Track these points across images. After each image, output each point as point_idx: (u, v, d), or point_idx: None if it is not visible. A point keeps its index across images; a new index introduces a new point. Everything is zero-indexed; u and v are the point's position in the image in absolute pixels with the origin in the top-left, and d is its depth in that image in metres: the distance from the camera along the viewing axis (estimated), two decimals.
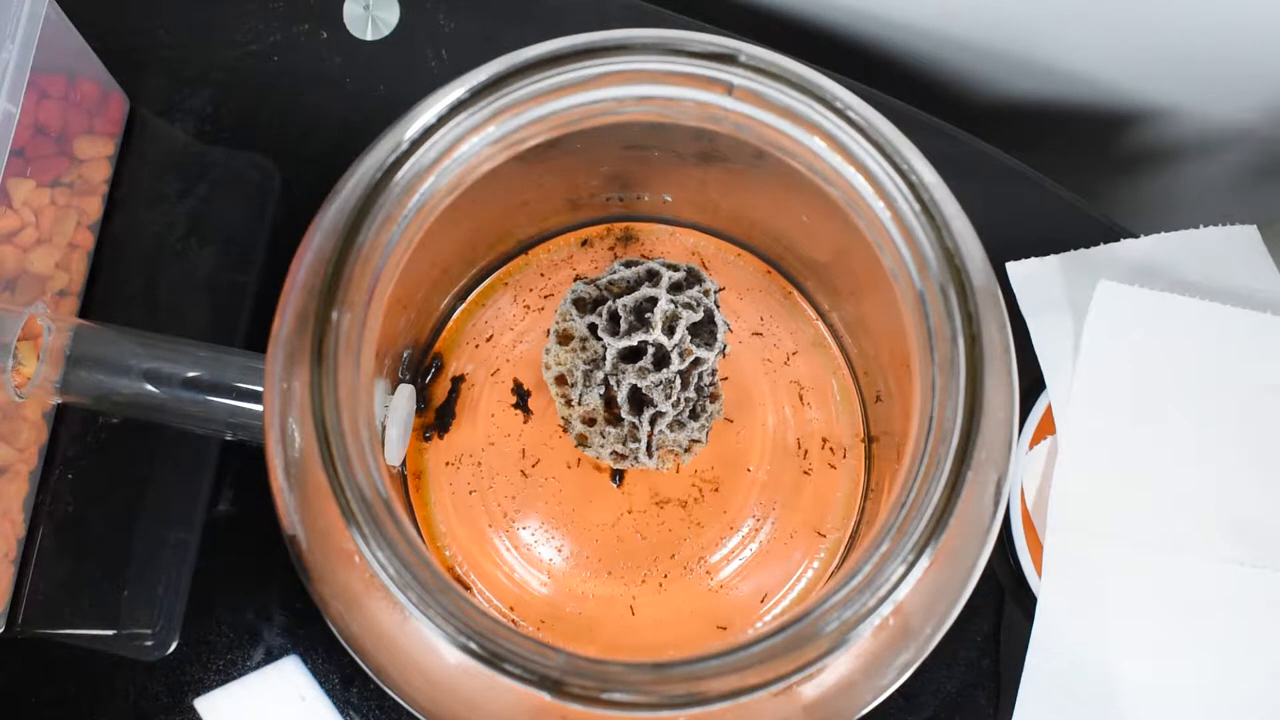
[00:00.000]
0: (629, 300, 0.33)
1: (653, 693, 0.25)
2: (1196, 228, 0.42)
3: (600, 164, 0.36)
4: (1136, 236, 0.42)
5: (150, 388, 0.33)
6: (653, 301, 0.33)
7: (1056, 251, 0.42)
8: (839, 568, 0.37)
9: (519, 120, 0.29)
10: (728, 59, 0.29)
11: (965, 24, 0.46)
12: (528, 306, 0.39)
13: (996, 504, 0.27)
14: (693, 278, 0.34)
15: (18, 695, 0.39)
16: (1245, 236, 0.42)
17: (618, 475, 0.37)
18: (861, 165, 0.29)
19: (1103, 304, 0.40)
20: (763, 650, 0.25)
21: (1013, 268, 0.42)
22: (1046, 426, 0.40)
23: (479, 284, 0.40)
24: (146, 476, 0.40)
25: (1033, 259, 0.42)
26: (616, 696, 0.25)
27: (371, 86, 0.44)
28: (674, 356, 0.33)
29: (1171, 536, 0.39)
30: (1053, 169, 0.45)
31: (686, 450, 0.35)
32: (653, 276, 0.34)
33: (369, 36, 0.44)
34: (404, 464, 0.37)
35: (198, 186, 0.43)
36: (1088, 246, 0.42)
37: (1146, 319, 0.40)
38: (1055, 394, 0.40)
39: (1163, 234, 0.42)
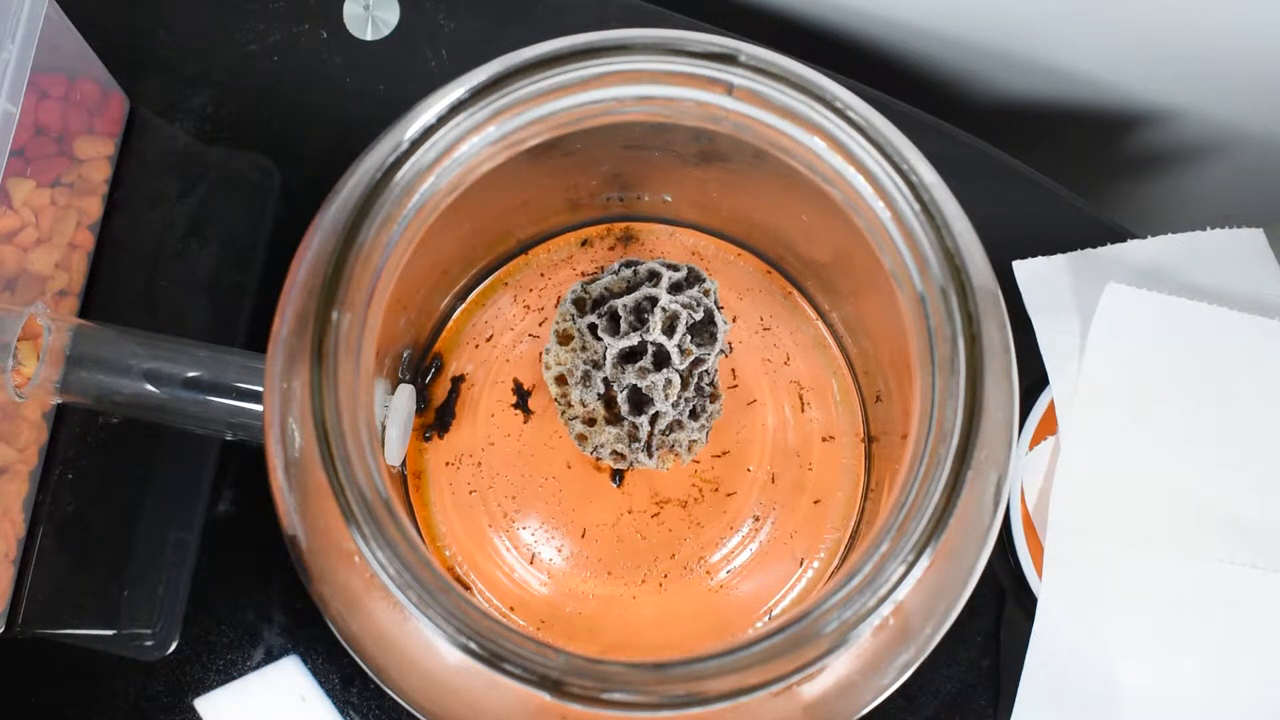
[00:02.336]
0: (629, 300, 0.33)
1: (653, 693, 0.25)
2: (1202, 229, 0.42)
3: (600, 164, 0.36)
4: (1142, 237, 0.42)
5: (150, 388, 0.33)
6: (652, 301, 0.33)
7: (1056, 252, 0.42)
8: (839, 568, 0.37)
9: (519, 120, 0.29)
10: (728, 59, 0.29)
11: (966, 24, 0.46)
12: (528, 306, 0.39)
13: (996, 504, 0.27)
14: (693, 278, 0.34)
15: (18, 695, 0.39)
16: (1251, 239, 0.42)
17: (618, 475, 0.37)
18: (861, 165, 0.29)
19: (1110, 307, 0.40)
20: (763, 650, 0.25)
21: (1019, 266, 0.42)
22: (1048, 426, 0.40)
23: (479, 284, 0.40)
24: (146, 476, 0.40)
25: (1039, 258, 0.42)
26: (616, 696, 0.25)
27: (371, 86, 0.44)
28: (674, 356, 0.32)
29: (1172, 537, 0.39)
30: (1053, 169, 0.45)
31: (687, 450, 0.35)
32: (653, 276, 0.34)
33: (369, 36, 0.44)
34: (404, 464, 0.37)
35: (198, 186, 0.43)
36: (1087, 247, 0.42)
37: (1153, 322, 0.40)
38: (1059, 393, 0.40)
39: (1169, 235, 0.42)
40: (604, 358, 0.33)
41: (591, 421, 0.35)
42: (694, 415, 0.35)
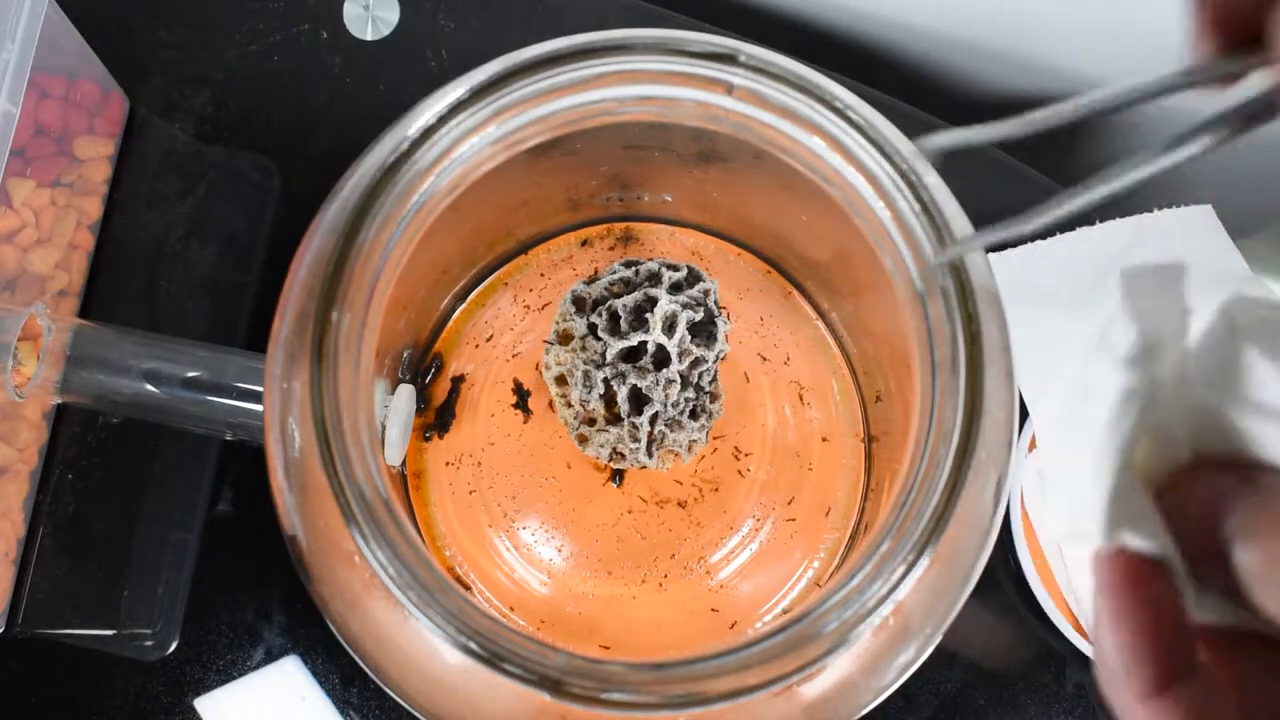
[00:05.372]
0: (629, 300, 0.33)
1: (653, 693, 0.25)
2: (1150, 211, 0.43)
3: (600, 164, 0.36)
4: (1092, 223, 0.43)
5: (150, 388, 0.33)
6: (653, 301, 0.33)
7: None
8: (839, 568, 0.37)
9: (519, 120, 0.29)
10: (728, 59, 0.29)
11: (965, 24, 0.46)
12: (528, 306, 0.39)
13: (996, 504, 0.27)
14: (693, 278, 0.34)
15: (18, 695, 0.39)
16: (1201, 216, 0.43)
17: (618, 475, 0.37)
18: (861, 165, 0.29)
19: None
20: (763, 650, 0.25)
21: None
22: None
23: (479, 284, 0.40)
24: (146, 476, 0.40)
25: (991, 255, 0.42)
26: (616, 696, 0.25)
27: (371, 86, 0.44)
28: (674, 356, 0.32)
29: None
30: (1053, 169, 0.45)
31: (687, 450, 0.35)
32: (653, 277, 0.34)
33: (369, 36, 0.44)
34: (404, 464, 0.37)
35: (198, 186, 0.43)
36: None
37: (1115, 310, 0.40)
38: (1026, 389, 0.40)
39: (1119, 219, 0.42)
40: (604, 358, 0.33)
41: (591, 421, 0.35)
42: (694, 415, 0.35)
